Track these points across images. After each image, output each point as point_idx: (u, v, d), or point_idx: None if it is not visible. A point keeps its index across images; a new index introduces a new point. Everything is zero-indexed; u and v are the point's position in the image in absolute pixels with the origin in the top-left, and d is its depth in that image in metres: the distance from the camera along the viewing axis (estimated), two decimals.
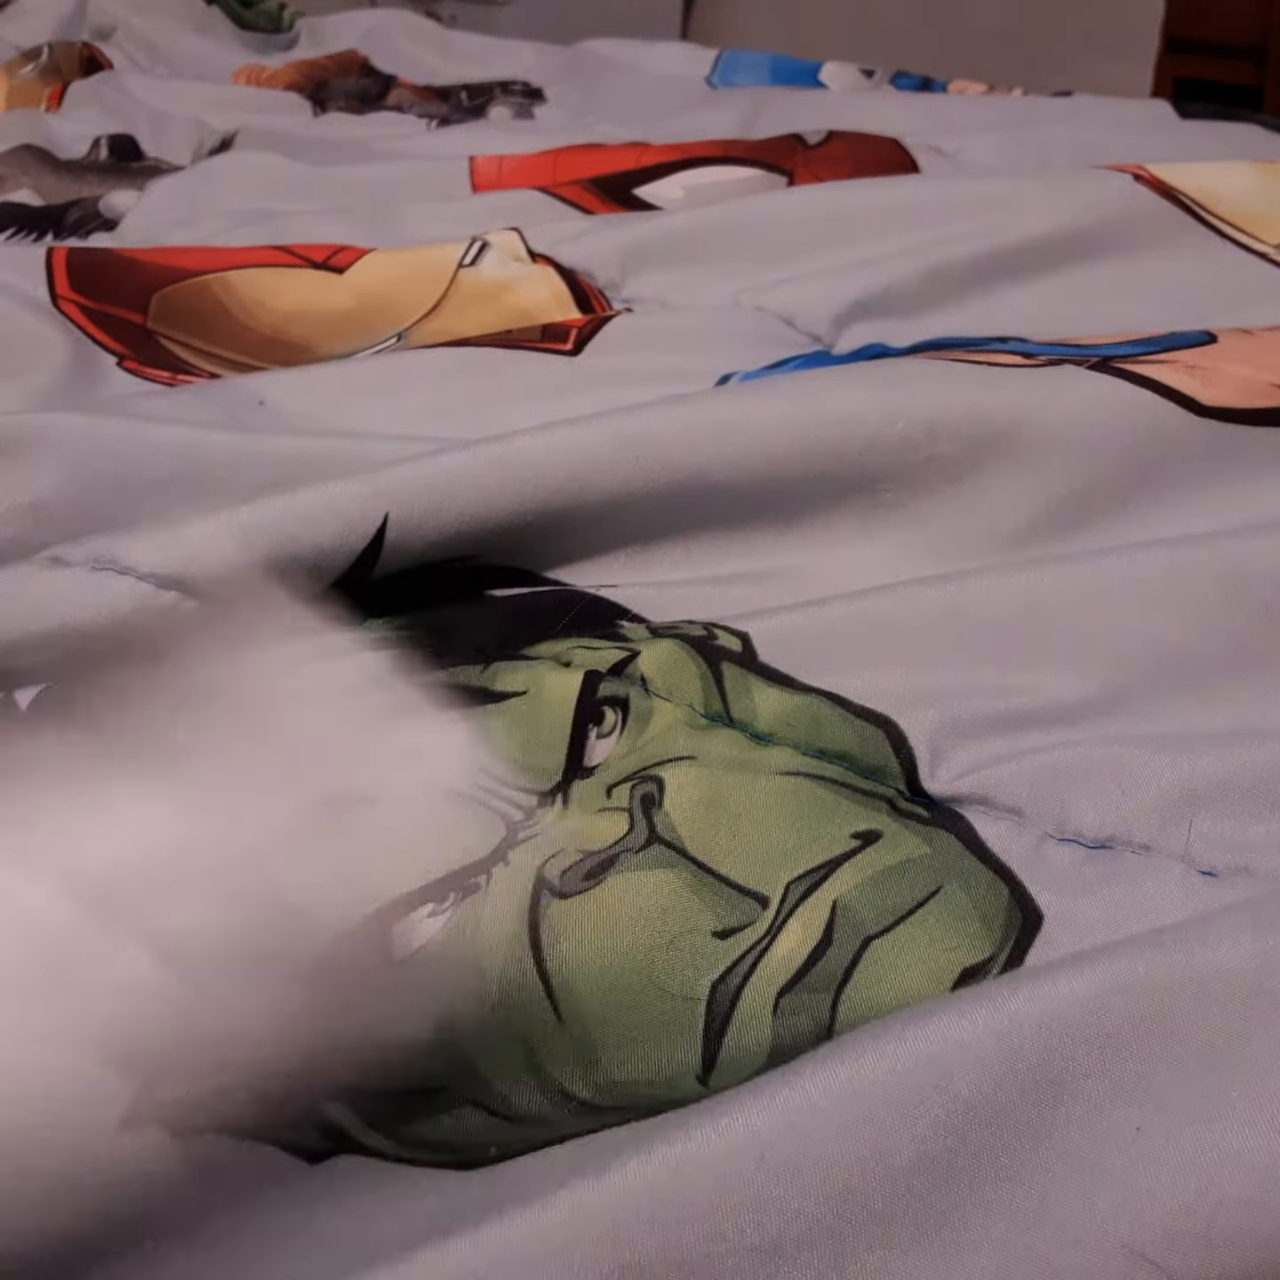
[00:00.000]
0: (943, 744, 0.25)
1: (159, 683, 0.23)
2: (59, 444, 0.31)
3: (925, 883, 0.22)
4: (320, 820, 0.17)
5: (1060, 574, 0.27)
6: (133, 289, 0.42)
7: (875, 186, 0.48)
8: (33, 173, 0.61)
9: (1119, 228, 0.44)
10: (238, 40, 0.97)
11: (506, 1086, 0.20)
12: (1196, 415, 0.31)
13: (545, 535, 0.29)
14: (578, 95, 0.80)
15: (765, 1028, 0.21)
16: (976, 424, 0.30)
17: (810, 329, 0.42)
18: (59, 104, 0.77)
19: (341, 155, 0.63)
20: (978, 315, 0.42)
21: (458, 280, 0.44)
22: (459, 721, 0.23)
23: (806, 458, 0.30)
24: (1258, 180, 0.46)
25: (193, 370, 0.41)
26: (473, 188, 0.58)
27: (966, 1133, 0.17)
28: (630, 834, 0.23)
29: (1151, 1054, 0.17)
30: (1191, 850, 0.23)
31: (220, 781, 0.16)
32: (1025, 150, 0.60)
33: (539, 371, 0.37)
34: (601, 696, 0.26)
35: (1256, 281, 0.43)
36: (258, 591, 0.27)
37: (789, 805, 0.24)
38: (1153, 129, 0.63)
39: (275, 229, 0.49)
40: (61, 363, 0.39)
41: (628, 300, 0.45)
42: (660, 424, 0.29)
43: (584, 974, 0.21)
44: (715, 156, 0.56)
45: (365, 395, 0.36)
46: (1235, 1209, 0.16)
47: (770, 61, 0.83)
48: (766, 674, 0.26)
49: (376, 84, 0.83)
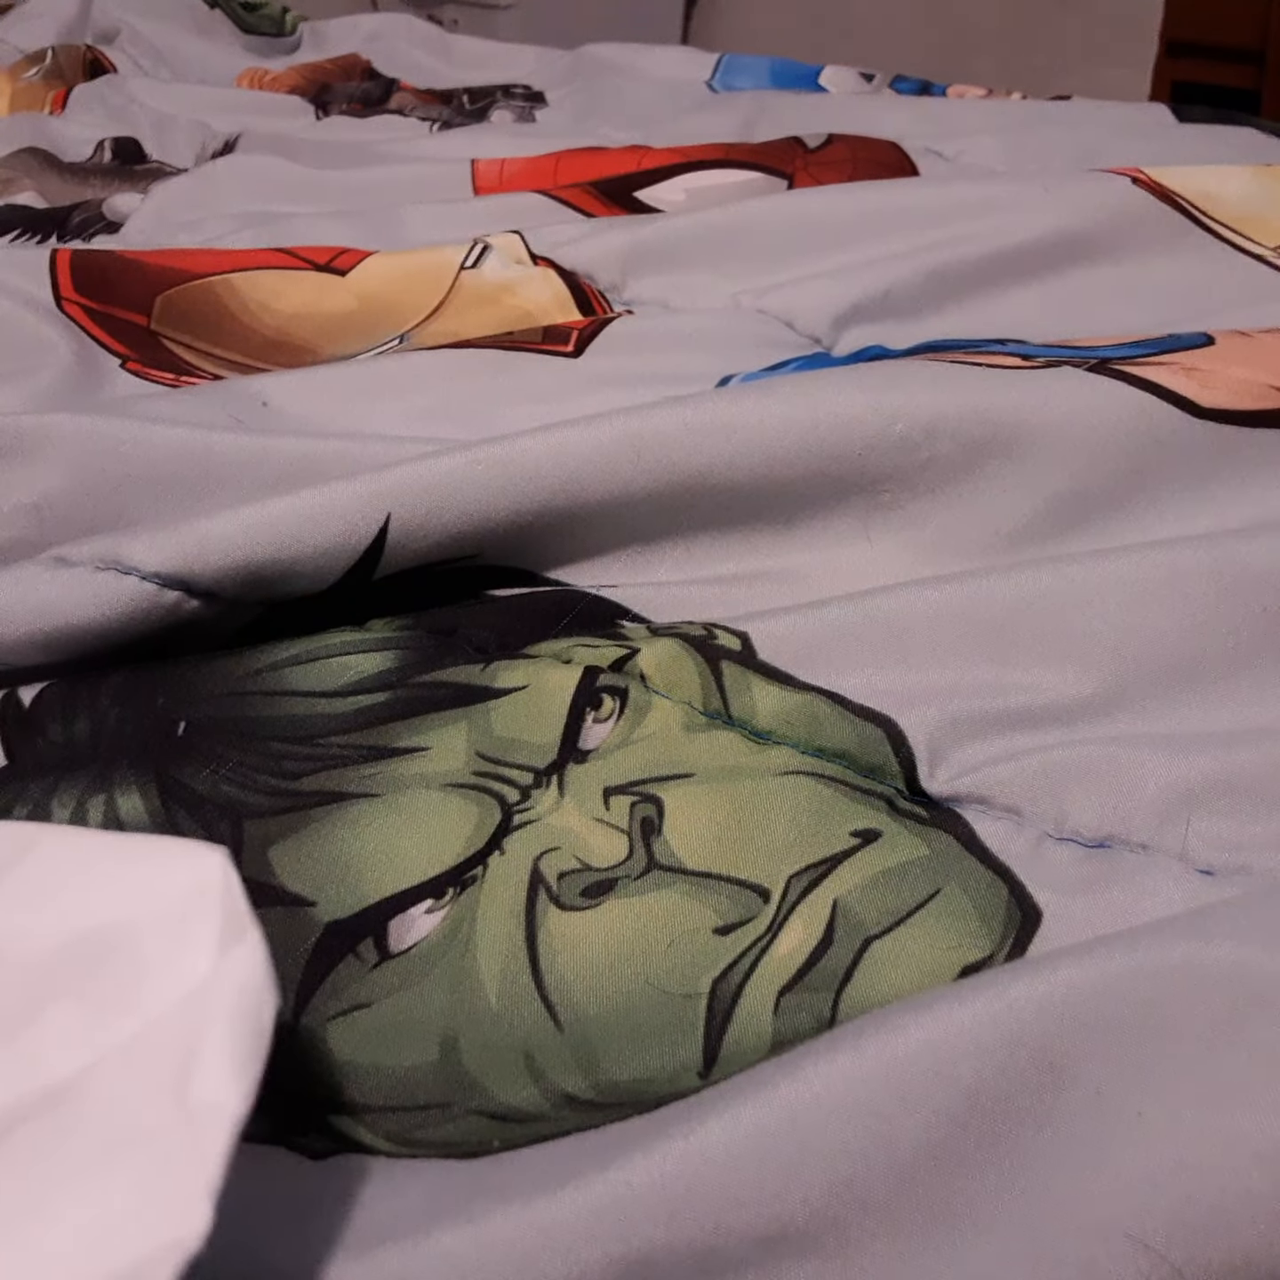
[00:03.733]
0: (942, 743, 0.25)
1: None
2: (63, 444, 0.31)
3: (925, 884, 0.23)
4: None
5: (1059, 574, 0.28)
6: (136, 291, 0.42)
7: (875, 189, 0.48)
8: (36, 175, 0.62)
9: (1118, 231, 0.44)
10: (240, 44, 0.97)
11: (509, 1095, 0.20)
12: (1195, 417, 0.31)
13: (546, 536, 0.30)
14: (579, 99, 0.80)
15: (766, 1026, 0.21)
16: (975, 425, 0.30)
17: (810, 331, 0.42)
18: (62, 107, 0.77)
19: (344, 158, 0.63)
20: (977, 318, 0.43)
21: (459, 282, 0.44)
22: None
23: (806, 458, 0.30)
24: (1256, 183, 0.47)
25: (196, 372, 0.41)
26: (474, 191, 0.58)
27: (968, 1120, 0.17)
28: (629, 860, 0.23)
29: (1151, 1040, 0.17)
30: (1189, 849, 0.23)
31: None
32: (1024, 154, 0.60)
33: (540, 373, 0.38)
34: (601, 685, 0.26)
35: (1255, 284, 0.43)
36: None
37: (789, 802, 0.24)
38: (1151, 133, 0.63)
39: (278, 232, 0.50)
40: (65, 364, 0.39)
41: (628, 302, 0.45)
42: (661, 425, 0.30)
43: (583, 984, 0.21)
44: (716, 160, 0.56)
45: (367, 397, 0.36)
46: (1237, 1195, 0.16)
47: (770, 65, 0.83)
48: (766, 672, 0.26)
49: (379, 87, 0.83)
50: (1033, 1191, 0.17)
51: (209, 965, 0.13)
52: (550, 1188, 0.17)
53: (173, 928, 0.14)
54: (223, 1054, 0.13)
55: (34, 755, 0.25)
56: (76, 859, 0.14)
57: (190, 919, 0.14)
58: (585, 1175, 0.17)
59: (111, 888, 0.14)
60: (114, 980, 0.13)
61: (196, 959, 0.13)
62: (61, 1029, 0.13)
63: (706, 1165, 0.17)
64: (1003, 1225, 0.17)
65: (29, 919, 0.14)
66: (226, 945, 0.13)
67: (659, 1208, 0.16)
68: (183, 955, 0.13)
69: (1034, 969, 0.18)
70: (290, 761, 0.25)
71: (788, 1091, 0.17)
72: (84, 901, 0.14)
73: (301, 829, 0.24)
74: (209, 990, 0.13)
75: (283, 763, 0.25)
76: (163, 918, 0.14)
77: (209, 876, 0.14)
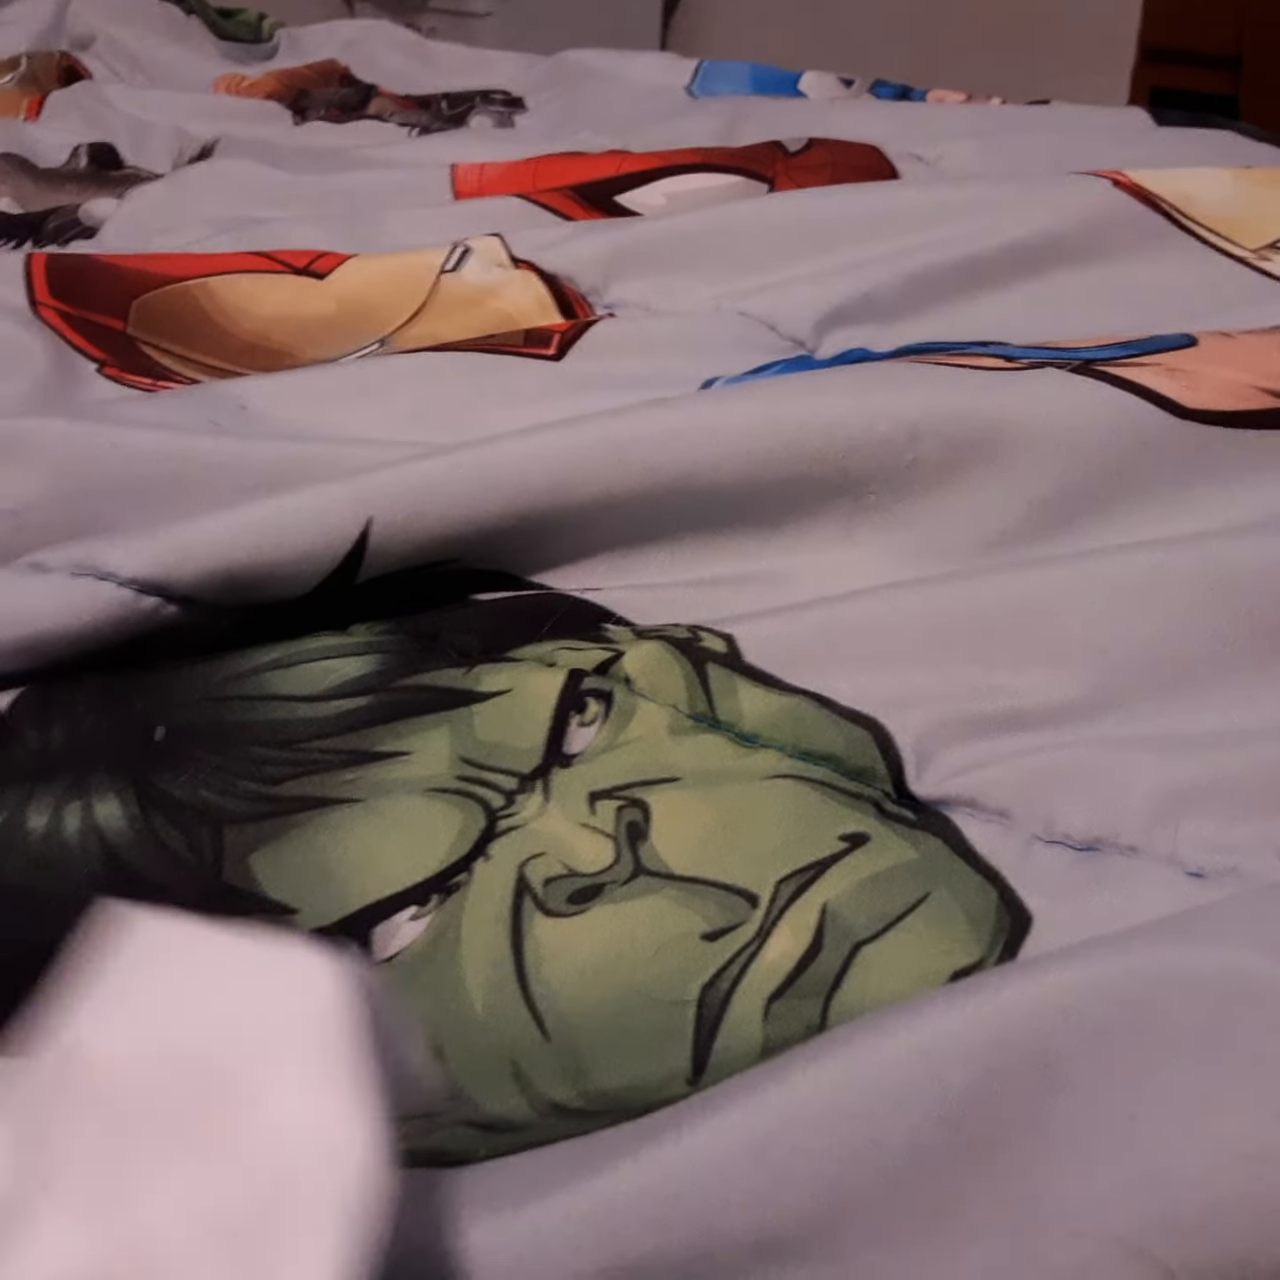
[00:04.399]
0: (929, 746, 0.25)
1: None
2: (39, 449, 0.31)
3: (913, 888, 0.22)
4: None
5: (1045, 576, 0.28)
6: (113, 295, 0.42)
7: (856, 193, 0.48)
8: (12, 181, 0.61)
9: (1098, 233, 0.44)
10: (217, 50, 0.97)
11: (496, 1104, 0.20)
12: (1178, 417, 0.31)
13: (529, 539, 0.29)
14: (559, 104, 0.80)
15: (756, 1032, 0.20)
16: (959, 426, 0.30)
17: (792, 334, 0.42)
18: (37, 114, 0.77)
19: (322, 163, 0.63)
20: (959, 320, 0.43)
21: (440, 285, 0.44)
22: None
23: (790, 461, 0.30)
24: (1235, 186, 0.47)
25: (173, 376, 0.41)
26: (454, 195, 0.58)
27: (959, 1124, 0.17)
28: (616, 865, 0.23)
29: (1143, 1042, 0.17)
30: (1178, 851, 0.23)
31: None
32: (1004, 157, 0.60)
33: (522, 376, 0.37)
34: (586, 688, 0.26)
35: (1235, 286, 0.44)
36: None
37: (776, 806, 0.24)
38: (1131, 136, 0.63)
39: (256, 236, 0.49)
40: (41, 369, 0.39)
41: (610, 305, 0.45)
42: (644, 427, 0.29)
43: (569, 992, 0.21)
44: (696, 164, 0.56)
45: (348, 400, 0.36)
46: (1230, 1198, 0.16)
47: (750, 71, 0.83)
48: (752, 674, 0.26)
49: (357, 93, 0.83)
50: (1024, 1195, 0.17)
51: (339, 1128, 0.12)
52: (539, 1195, 0.17)
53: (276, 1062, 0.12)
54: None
55: (9, 762, 0.25)
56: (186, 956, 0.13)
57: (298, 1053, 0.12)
58: (574, 1182, 0.17)
59: (221, 1002, 0.12)
60: (207, 1117, 0.12)
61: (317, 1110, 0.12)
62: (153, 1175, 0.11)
63: (696, 1170, 0.16)
64: (994, 1229, 0.17)
65: (126, 1030, 0.12)
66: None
67: (649, 1214, 0.16)
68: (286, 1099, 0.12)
69: (1024, 971, 0.18)
70: (271, 766, 0.25)
71: (777, 1095, 0.17)
72: (186, 1017, 0.12)
73: (283, 835, 0.23)
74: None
75: (263, 768, 0.25)
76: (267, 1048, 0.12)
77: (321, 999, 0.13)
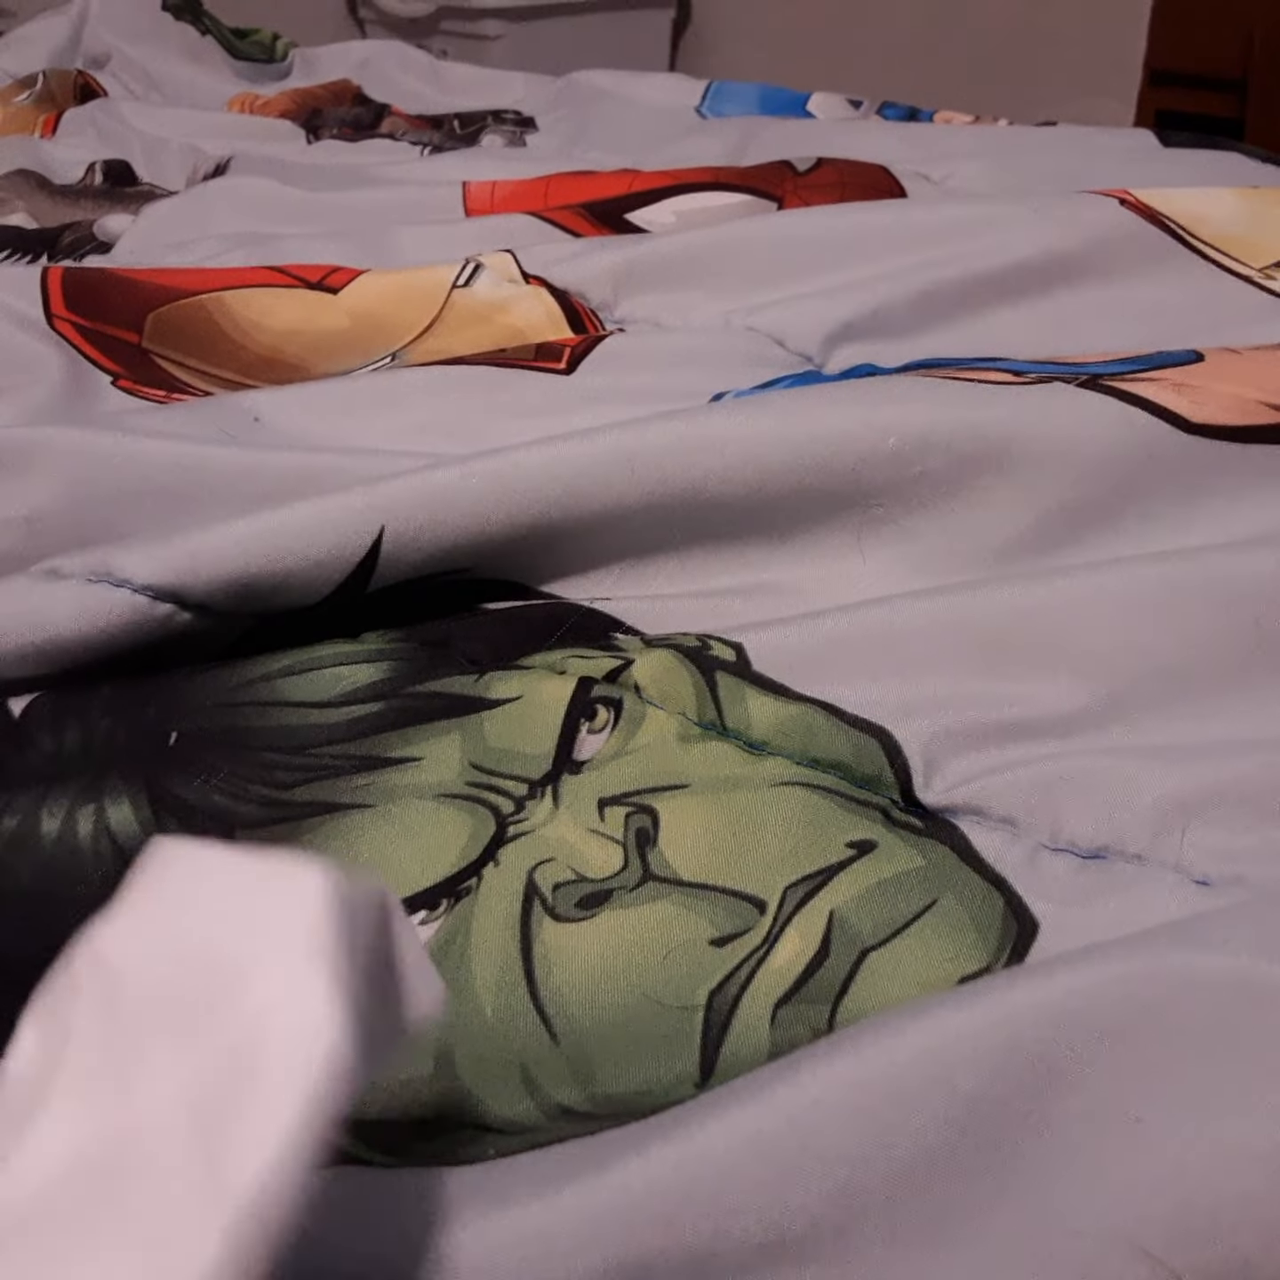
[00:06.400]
0: (937, 754, 0.25)
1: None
2: (54, 457, 0.31)
3: (921, 895, 0.22)
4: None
5: (1053, 587, 0.28)
6: (128, 308, 0.42)
7: (865, 210, 0.48)
8: (27, 197, 0.62)
9: (1106, 252, 0.44)
10: (231, 70, 0.98)
11: (505, 1108, 0.20)
12: (1185, 432, 0.31)
13: (539, 549, 0.30)
14: (569, 124, 0.81)
15: (763, 1038, 0.21)
16: (967, 440, 0.30)
17: (801, 349, 0.42)
18: (53, 131, 0.78)
19: (335, 181, 0.64)
20: (966, 337, 0.43)
21: (452, 300, 0.44)
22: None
23: (799, 472, 0.30)
24: (1242, 205, 0.47)
25: (187, 389, 0.41)
26: (465, 212, 0.58)
27: (966, 1125, 0.17)
28: (624, 871, 0.23)
29: (1149, 1045, 0.17)
30: (1184, 860, 0.23)
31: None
32: (1011, 177, 0.61)
33: (533, 390, 0.38)
34: (596, 696, 0.26)
35: (1241, 304, 0.44)
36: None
37: (784, 813, 0.24)
38: (1137, 157, 0.63)
39: (269, 252, 0.50)
40: (56, 381, 0.39)
41: (620, 321, 0.45)
42: (655, 438, 0.30)
43: (578, 996, 0.21)
44: (706, 182, 0.56)
45: (360, 412, 0.36)
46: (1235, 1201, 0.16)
47: (759, 92, 0.84)
48: (761, 683, 0.26)
49: (370, 112, 0.84)
50: (1031, 1197, 0.17)
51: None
52: (547, 1193, 0.17)
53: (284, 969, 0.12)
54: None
55: (23, 766, 0.25)
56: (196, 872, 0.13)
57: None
58: (583, 1180, 0.17)
59: (226, 911, 0.13)
60: (201, 1005, 0.12)
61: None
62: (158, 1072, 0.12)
63: (704, 1169, 0.17)
64: (1001, 1231, 0.17)
65: (138, 934, 0.13)
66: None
67: (657, 1212, 0.16)
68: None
69: (1032, 975, 0.18)
70: (282, 772, 0.25)
71: (785, 1095, 0.17)
72: (201, 926, 0.13)
73: (294, 840, 0.23)
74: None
75: (275, 773, 0.25)
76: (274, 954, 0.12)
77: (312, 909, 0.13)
